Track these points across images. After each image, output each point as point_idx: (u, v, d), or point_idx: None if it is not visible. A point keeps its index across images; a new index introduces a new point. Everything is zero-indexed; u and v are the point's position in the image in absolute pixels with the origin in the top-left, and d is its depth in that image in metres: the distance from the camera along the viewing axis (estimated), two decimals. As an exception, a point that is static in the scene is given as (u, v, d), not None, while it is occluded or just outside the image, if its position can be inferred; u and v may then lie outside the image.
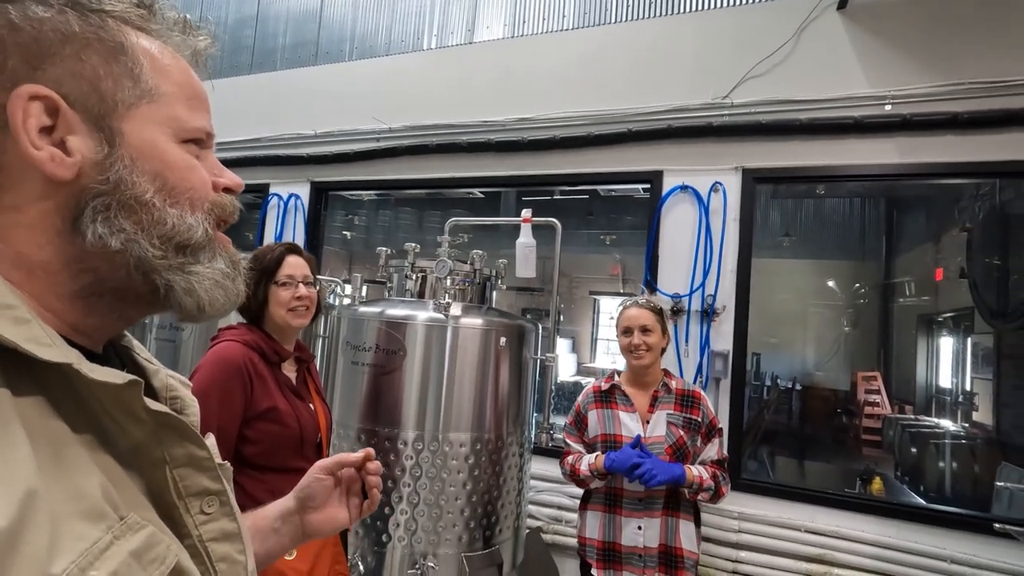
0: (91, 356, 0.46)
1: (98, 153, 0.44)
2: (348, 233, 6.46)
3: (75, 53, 0.44)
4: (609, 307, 9.00)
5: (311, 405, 1.65)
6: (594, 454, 1.98)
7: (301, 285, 1.62)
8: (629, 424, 2.00)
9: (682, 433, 1.95)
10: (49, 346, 0.40)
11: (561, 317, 9.11)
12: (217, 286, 0.51)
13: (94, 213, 0.44)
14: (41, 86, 0.42)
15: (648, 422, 1.99)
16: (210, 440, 0.55)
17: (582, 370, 8.59)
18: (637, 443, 1.88)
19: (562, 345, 8.74)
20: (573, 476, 2.01)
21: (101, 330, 0.49)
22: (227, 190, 0.54)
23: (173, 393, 0.57)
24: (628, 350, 2.03)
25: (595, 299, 9.21)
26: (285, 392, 1.58)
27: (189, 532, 0.49)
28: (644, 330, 2.00)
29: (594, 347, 9.33)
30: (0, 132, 0.42)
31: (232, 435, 1.44)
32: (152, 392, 0.55)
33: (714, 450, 1.98)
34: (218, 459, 0.53)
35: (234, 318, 2.02)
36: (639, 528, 1.92)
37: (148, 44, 0.48)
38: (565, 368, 8.32)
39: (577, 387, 6.59)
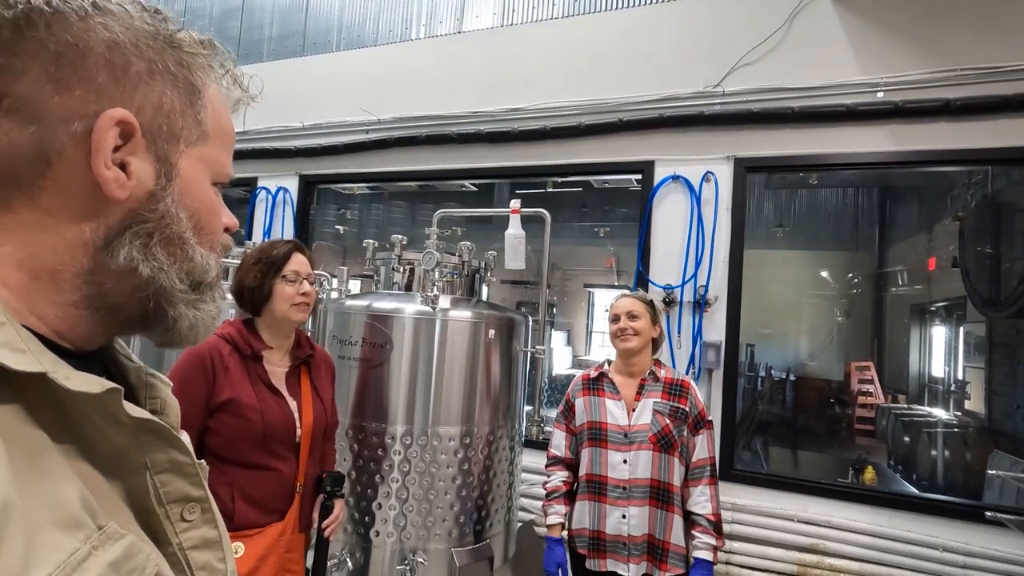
0: (73, 356, 0.45)
1: (156, 184, 0.46)
2: (341, 228, 6.41)
3: (161, 88, 0.46)
4: (604, 300, 8.99)
5: (292, 401, 1.62)
6: (560, 515, 2.02)
7: (305, 282, 1.67)
8: (615, 412, 1.99)
9: (668, 422, 1.94)
10: (22, 352, 0.39)
11: (555, 310, 9.04)
12: (211, 325, 0.54)
13: (134, 237, 0.46)
14: (129, 112, 0.44)
15: (634, 410, 1.98)
16: (184, 438, 0.53)
17: (577, 363, 8.59)
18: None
19: (557, 338, 8.73)
20: (546, 493, 2.10)
21: (84, 340, 0.48)
22: (226, 229, 0.56)
23: (153, 393, 0.55)
24: (615, 335, 2.05)
25: (590, 292, 9.19)
26: (256, 385, 1.55)
27: (169, 540, 0.48)
28: (631, 316, 2.02)
29: (589, 340, 9.32)
30: (70, 142, 0.42)
31: (192, 426, 1.46)
32: (131, 391, 0.53)
33: (704, 450, 1.96)
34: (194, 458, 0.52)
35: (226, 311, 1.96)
36: (623, 517, 1.91)
37: (213, 89, 0.52)
38: (560, 361, 8.31)
39: (571, 380, 6.57)
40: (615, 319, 2.05)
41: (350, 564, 2.04)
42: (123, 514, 0.45)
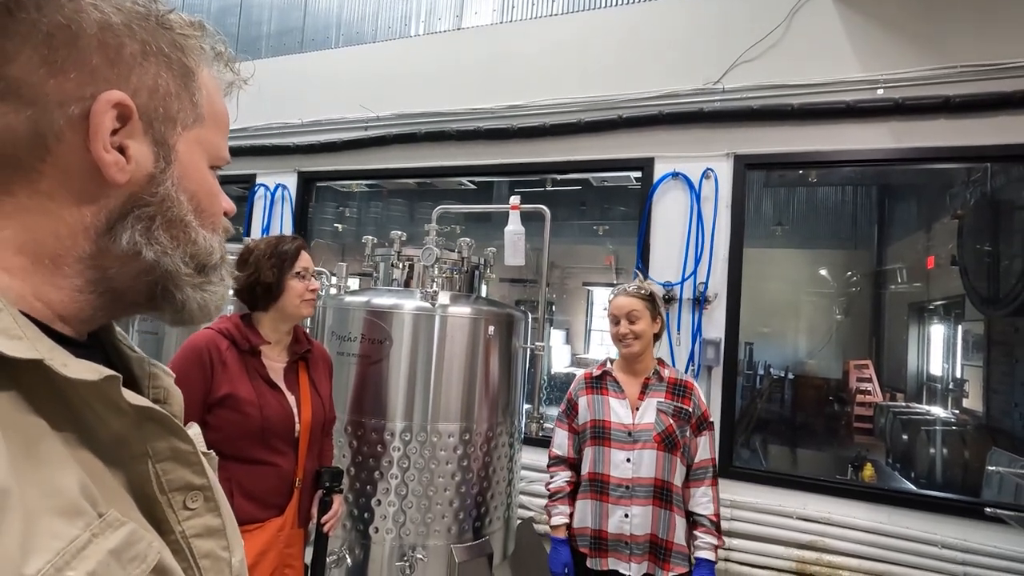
0: (74, 344, 0.45)
1: (155, 167, 0.46)
2: (339, 226, 6.40)
3: (155, 70, 0.46)
4: (603, 298, 8.97)
5: (290, 396, 1.61)
6: (564, 515, 2.00)
7: (312, 278, 1.70)
8: (618, 410, 1.98)
9: (671, 422, 1.93)
10: (19, 339, 0.38)
11: (554, 308, 9.03)
12: (221, 304, 0.55)
13: (135, 221, 0.46)
14: (126, 95, 0.43)
15: (638, 409, 1.97)
16: (194, 430, 0.53)
17: (576, 361, 8.58)
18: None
19: (556, 336, 8.72)
20: (549, 494, 2.08)
21: (87, 323, 0.49)
22: (224, 213, 0.57)
23: (156, 382, 0.56)
24: (617, 339, 2.02)
25: (589, 290, 9.18)
26: (254, 380, 1.55)
27: (171, 528, 0.48)
28: (631, 319, 1.98)
29: (588, 338, 9.32)
30: (67, 125, 0.42)
31: (190, 421, 1.45)
32: (133, 381, 0.54)
33: (707, 451, 1.96)
34: (202, 448, 0.52)
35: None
36: (626, 516, 1.91)
37: (206, 72, 0.52)
38: (559, 359, 8.30)
39: (570, 378, 6.57)
40: (615, 321, 2.02)
41: (349, 560, 2.03)
42: (125, 502, 0.44)
